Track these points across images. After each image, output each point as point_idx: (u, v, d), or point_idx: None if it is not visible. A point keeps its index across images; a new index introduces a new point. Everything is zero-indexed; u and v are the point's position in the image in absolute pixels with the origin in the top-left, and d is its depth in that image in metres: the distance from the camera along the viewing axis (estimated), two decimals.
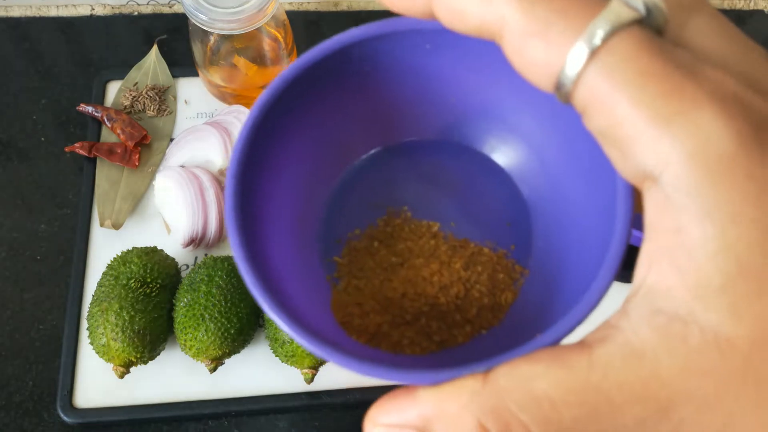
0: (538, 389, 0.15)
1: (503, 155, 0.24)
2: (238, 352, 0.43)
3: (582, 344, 0.15)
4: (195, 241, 0.48)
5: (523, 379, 0.15)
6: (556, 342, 0.16)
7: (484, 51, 0.20)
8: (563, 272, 0.20)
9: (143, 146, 0.52)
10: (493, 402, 0.15)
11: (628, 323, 0.15)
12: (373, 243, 0.23)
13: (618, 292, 0.17)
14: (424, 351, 0.21)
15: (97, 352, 0.41)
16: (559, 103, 0.17)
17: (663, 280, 0.14)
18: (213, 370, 0.41)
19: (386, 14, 0.19)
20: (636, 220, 0.17)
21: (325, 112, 0.22)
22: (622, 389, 0.14)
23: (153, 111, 0.54)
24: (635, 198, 0.17)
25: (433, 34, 0.20)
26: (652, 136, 0.13)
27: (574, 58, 0.14)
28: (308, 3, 0.63)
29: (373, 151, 0.24)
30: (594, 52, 0.14)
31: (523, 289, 0.22)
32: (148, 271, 0.43)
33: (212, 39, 0.51)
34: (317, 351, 0.17)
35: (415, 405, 0.16)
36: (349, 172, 0.24)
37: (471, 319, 0.21)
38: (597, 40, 0.14)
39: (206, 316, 0.40)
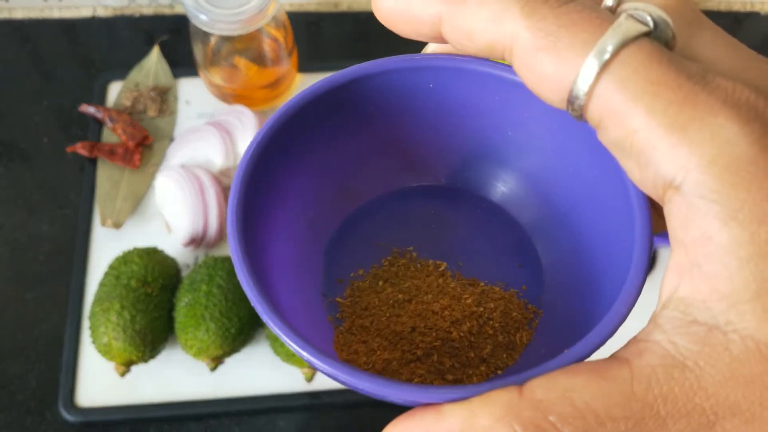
0: (580, 402, 0.14)
1: (507, 198, 0.24)
2: (239, 351, 0.43)
3: (617, 359, 0.14)
4: (196, 241, 0.48)
5: (563, 391, 0.14)
6: (586, 356, 0.16)
7: (486, 90, 0.20)
8: (580, 310, 0.20)
9: (144, 146, 0.53)
10: (531, 414, 0.14)
11: (664, 335, 0.14)
12: (378, 282, 0.22)
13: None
14: None
15: (99, 351, 0.41)
16: (560, 140, 0.17)
17: (696, 291, 0.14)
18: (213, 369, 0.42)
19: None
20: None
21: (327, 151, 0.22)
22: (667, 402, 0.14)
23: (154, 111, 0.54)
24: (651, 222, 0.17)
25: (437, 72, 0.20)
26: (670, 144, 0.14)
27: (585, 72, 0.14)
28: (308, 4, 0.63)
29: (375, 195, 0.24)
30: (605, 65, 0.14)
31: (538, 329, 0.21)
32: (149, 270, 0.43)
33: (213, 40, 0.51)
34: (335, 372, 0.16)
35: (441, 421, 0.15)
36: (351, 214, 0.24)
37: (486, 357, 0.20)
38: (607, 55, 0.14)
39: (207, 315, 0.41)
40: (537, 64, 0.15)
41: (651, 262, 0.16)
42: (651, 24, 0.15)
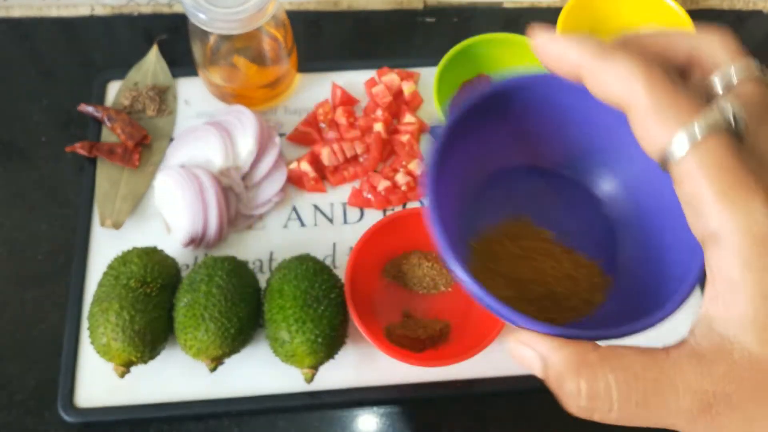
0: (628, 361, 0.21)
1: (606, 192, 0.31)
2: (238, 351, 0.43)
3: (661, 348, 0.22)
4: (195, 241, 0.48)
5: (619, 354, 0.22)
6: (645, 328, 0.24)
7: (606, 113, 0.26)
8: (642, 288, 0.28)
9: (143, 146, 0.53)
10: (594, 357, 0.22)
11: (694, 339, 0.21)
12: (503, 237, 0.30)
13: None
14: None
15: (98, 352, 0.41)
16: (652, 165, 0.24)
17: (718, 313, 0.21)
18: (213, 369, 0.42)
19: (386, 14, 0.19)
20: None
21: (480, 134, 0.29)
22: (684, 379, 0.20)
23: (153, 111, 0.54)
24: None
25: (570, 90, 0.26)
26: (719, 211, 0.20)
27: (677, 145, 0.20)
28: (308, 3, 0.63)
29: (509, 168, 0.31)
30: (694, 145, 0.20)
31: (610, 294, 0.29)
32: (149, 270, 0.43)
33: (212, 39, 0.51)
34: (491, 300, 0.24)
35: (546, 341, 0.24)
36: (490, 180, 0.31)
37: (573, 307, 0.29)
38: (697, 136, 0.20)
39: (206, 315, 0.40)
40: (646, 123, 0.21)
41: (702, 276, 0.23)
42: (732, 120, 0.21)
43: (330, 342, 0.41)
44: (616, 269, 0.30)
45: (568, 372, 0.22)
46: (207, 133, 0.50)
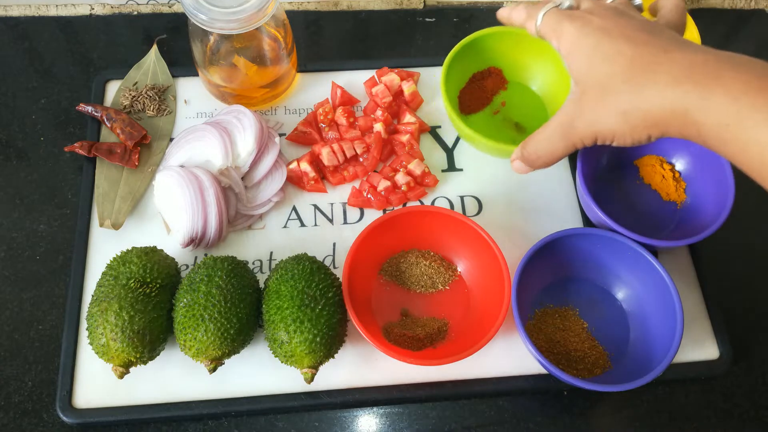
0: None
1: (622, 295, 0.50)
2: (238, 352, 0.43)
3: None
4: (195, 241, 0.48)
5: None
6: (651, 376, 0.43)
7: (618, 264, 0.49)
8: (637, 359, 0.46)
9: (143, 146, 0.52)
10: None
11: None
12: (548, 316, 0.49)
13: None
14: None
15: (97, 353, 0.41)
16: (646, 288, 0.49)
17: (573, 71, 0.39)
18: (212, 370, 0.41)
19: (386, 14, 0.19)
20: None
21: (544, 260, 0.49)
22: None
23: (152, 111, 0.54)
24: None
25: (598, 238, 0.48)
26: (558, 35, 0.39)
27: (539, 18, 0.40)
28: (308, 3, 0.62)
29: (571, 277, 0.51)
30: (544, 15, 0.40)
31: (614, 364, 0.47)
32: (148, 271, 0.42)
33: (212, 39, 0.51)
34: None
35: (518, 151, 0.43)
36: (560, 282, 0.51)
37: (588, 368, 0.47)
38: (542, 13, 0.41)
39: (206, 316, 0.40)
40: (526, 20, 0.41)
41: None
42: (566, 4, 0.40)
43: (328, 341, 0.41)
44: (626, 354, 0.47)
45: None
46: (207, 132, 0.50)
